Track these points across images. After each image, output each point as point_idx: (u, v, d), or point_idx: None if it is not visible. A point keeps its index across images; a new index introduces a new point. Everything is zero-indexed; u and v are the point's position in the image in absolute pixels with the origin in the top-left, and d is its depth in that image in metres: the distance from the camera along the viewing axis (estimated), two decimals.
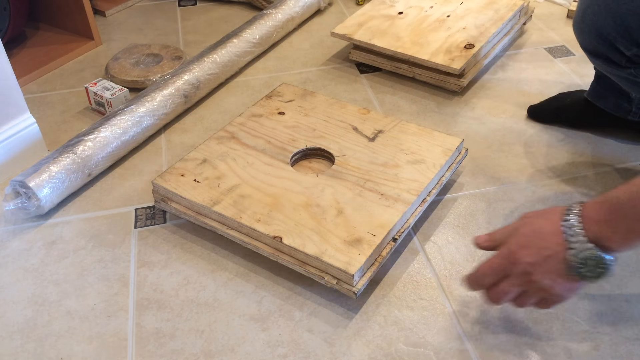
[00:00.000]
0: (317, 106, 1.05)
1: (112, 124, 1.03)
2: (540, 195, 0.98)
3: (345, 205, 0.86)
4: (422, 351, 0.76)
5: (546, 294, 0.67)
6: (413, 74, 1.23)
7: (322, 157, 0.98)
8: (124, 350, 0.77)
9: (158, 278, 0.86)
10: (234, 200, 0.87)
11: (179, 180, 0.90)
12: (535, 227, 0.66)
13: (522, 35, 1.40)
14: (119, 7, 1.58)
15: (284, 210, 0.85)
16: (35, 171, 0.93)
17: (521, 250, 0.65)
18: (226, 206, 0.86)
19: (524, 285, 0.67)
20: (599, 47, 0.91)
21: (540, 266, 0.64)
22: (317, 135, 0.99)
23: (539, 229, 0.65)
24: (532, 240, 0.65)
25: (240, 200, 0.87)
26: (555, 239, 0.63)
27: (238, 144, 0.97)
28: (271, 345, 0.77)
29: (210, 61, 1.21)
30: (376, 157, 0.94)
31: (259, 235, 0.83)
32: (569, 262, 0.63)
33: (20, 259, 0.90)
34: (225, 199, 0.87)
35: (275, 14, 1.37)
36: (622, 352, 0.75)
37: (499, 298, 0.69)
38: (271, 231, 0.82)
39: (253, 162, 0.93)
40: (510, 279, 0.67)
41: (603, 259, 0.61)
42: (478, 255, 0.88)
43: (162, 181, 0.90)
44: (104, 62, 1.35)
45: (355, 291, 0.77)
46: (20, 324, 0.81)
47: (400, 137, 0.98)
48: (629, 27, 0.85)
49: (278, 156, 0.95)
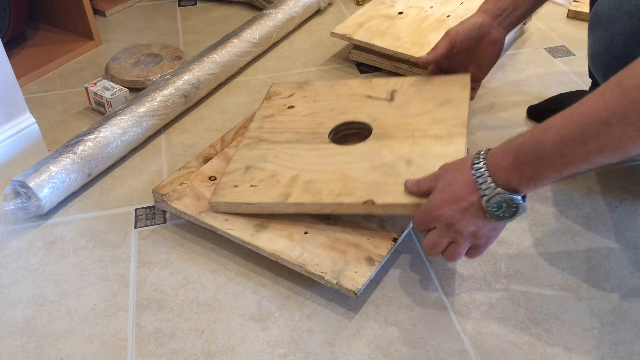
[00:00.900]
0: (320, 91, 1.05)
1: (112, 124, 1.03)
2: (540, 195, 0.98)
3: (409, 156, 0.86)
4: (422, 351, 0.76)
5: (474, 240, 0.73)
6: (413, 74, 1.23)
7: (356, 130, 0.96)
8: (124, 350, 0.77)
9: (158, 278, 0.86)
10: (302, 188, 0.85)
11: (236, 191, 0.87)
12: (450, 179, 0.72)
13: (522, 35, 1.40)
14: (119, 7, 1.58)
15: (356, 178, 0.84)
16: (35, 171, 0.93)
17: (440, 206, 0.72)
18: (299, 195, 0.84)
19: (451, 236, 0.73)
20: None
21: (461, 216, 0.70)
22: (338, 113, 0.98)
23: (453, 180, 0.71)
24: (448, 194, 0.71)
25: (308, 187, 0.85)
26: (468, 189, 0.69)
27: (269, 144, 0.95)
28: (271, 345, 0.77)
29: (210, 61, 1.21)
30: (406, 111, 0.94)
31: (349, 207, 0.82)
32: (484, 208, 0.69)
33: (20, 259, 0.90)
34: (294, 190, 0.85)
35: (275, 14, 1.37)
36: (622, 352, 0.75)
37: (432, 251, 0.75)
38: (358, 199, 0.81)
39: (296, 153, 0.92)
40: (437, 230, 0.73)
41: (513, 200, 0.68)
42: None
43: (219, 197, 0.87)
44: (104, 62, 1.35)
45: (355, 291, 0.77)
46: (20, 324, 0.81)
47: (414, 89, 0.99)
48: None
49: (316, 140, 0.93)
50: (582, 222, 0.93)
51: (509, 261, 0.87)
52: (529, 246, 0.89)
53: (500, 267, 0.86)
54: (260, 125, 1.00)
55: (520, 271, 0.86)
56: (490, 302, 0.82)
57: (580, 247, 0.89)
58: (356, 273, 0.79)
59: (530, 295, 0.82)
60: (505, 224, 0.73)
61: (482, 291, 0.83)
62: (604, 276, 0.85)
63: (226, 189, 0.88)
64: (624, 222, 0.93)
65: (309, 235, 0.85)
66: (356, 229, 0.86)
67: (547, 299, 0.82)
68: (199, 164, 0.97)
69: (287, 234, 0.85)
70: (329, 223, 0.87)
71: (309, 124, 0.97)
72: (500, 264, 0.87)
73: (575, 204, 0.96)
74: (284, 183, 0.87)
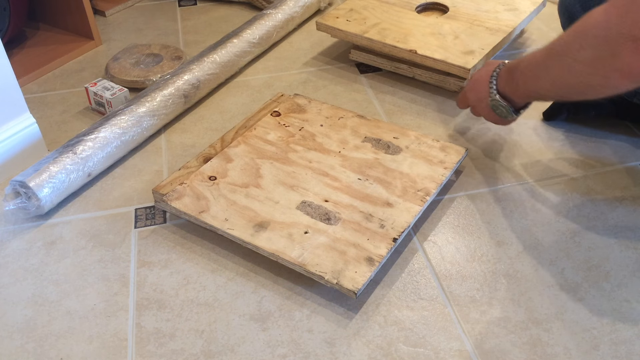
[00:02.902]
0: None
1: (112, 124, 1.03)
2: (540, 195, 0.98)
3: (460, 34, 1.19)
4: (422, 351, 0.76)
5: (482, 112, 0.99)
6: (413, 74, 1.23)
7: (441, 8, 1.30)
8: (124, 350, 0.77)
9: (158, 278, 0.86)
10: (377, 31, 1.21)
11: (337, 22, 1.25)
12: (478, 77, 0.97)
13: (522, 35, 1.40)
14: (119, 7, 1.58)
15: (415, 35, 1.19)
16: (35, 171, 0.93)
17: (468, 93, 1.00)
18: (373, 34, 1.20)
19: (475, 112, 1.02)
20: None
21: (478, 104, 0.98)
22: None
23: (479, 77, 0.97)
24: (473, 87, 0.98)
25: (382, 31, 1.20)
26: (484, 87, 0.95)
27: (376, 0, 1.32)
28: (271, 345, 0.77)
29: (210, 61, 1.21)
30: (480, 6, 1.28)
31: (399, 52, 1.16)
32: (489, 105, 0.95)
33: (20, 259, 0.90)
34: (371, 30, 1.21)
35: (275, 14, 1.37)
36: (622, 352, 0.75)
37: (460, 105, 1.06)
38: (408, 46, 1.16)
39: (387, 10, 1.28)
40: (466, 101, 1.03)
41: (504, 105, 0.92)
42: (478, 255, 0.88)
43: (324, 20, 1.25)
44: (104, 62, 1.35)
45: (355, 291, 0.77)
46: (20, 324, 0.81)
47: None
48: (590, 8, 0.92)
49: (407, 7, 1.29)
50: (582, 222, 0.93)
51: (509, 261, 0.87)
52: (529, 246, 0.89)
53: (500, 267, 0.86)
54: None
55: (520, 271, 0.86)
56: (490, 302, 0.82)
57: (580, 247, 0.89)
58: (356, 273, 0.79)
59: (530, 295, 0.82)
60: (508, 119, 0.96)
61: (482, 291, 0.83)
62: (604, 276, 0.85)
63: (329, 20, 1.26)
64: (624, 222, 0.93)
65: (309, 235, 0.85)
66: (356, 229, 0.86)
67: (547, 299, 0.82)
68: (199, 164, 0.97)
69: (287, 234, 0.85)
70: (329, 223, 0.87)
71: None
72: (500, 264, 0.87)
73: (575, 204, 0.96)
74: (367, 25, 1.23)
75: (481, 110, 0.98)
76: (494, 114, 0.96)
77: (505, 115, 0.94)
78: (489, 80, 0.93)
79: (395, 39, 1.18)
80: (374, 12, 1.28)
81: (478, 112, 1.00)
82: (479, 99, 0.97)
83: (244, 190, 0.92)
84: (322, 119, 1.06)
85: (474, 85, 0.98)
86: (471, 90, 0.99)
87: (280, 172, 0.96)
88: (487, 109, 0.96)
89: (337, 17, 1.27)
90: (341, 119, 1.06)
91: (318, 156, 0.99)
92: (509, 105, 0.92)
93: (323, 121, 1.06)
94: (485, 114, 0.98)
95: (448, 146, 1.00)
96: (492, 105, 0.94)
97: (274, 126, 1.05)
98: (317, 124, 1.05)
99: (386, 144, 1.01)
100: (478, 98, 0.97)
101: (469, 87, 1.00)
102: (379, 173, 0.95)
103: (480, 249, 0.89)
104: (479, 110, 0.99)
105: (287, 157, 0.98)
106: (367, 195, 0.91)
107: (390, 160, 0.98)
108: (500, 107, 0.93)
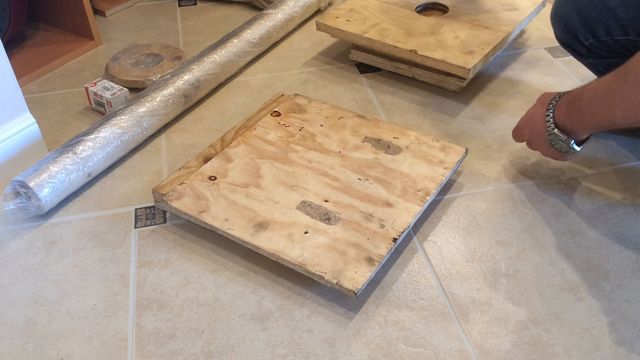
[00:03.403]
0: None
1: (112, 124, 1.03)
2: (540, 195, 0.98)
3: (460, 34, 1.20)
4: (422, 351, 0.76)
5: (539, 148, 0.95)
6: (413, 74, 1.23)
7: (441, 8, 1.31)
8: (124, 350, 0.77)
9: (158, 278, 0.86)
10: (377, 31, 1.22)
11: (337, 22, 1.26)
12: (533, 111, 0.93)
13: (522, 35, 1.40)
14: (119, 7, 1.58)
15: (415, 36, 1.20)
16: (35, 171, 0.93)
17: (522, 128, 0.96)
18: (373, 34, 1.21)
19: (531, 147, 0.97)
20: (566, 38, 1.06)
21: (535, 140, 0.94)
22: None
23: (535, 112, 0.92)
24: (529, 122, 0.94)
25: (382, 31, 1.21)
26: (540, 121, 0.91)
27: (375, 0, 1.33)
28: (271, 345, 0.77)
29: (210, 61, 1.21)
30: (480, 6, 1.29)
31: (399, 52, 1.17)
32: (547, 140, 0.90)
33: (20, 259, 0.90)
34: (371, 30, 1.22)
35: (275, 14, 1.37)
36: (622, 352, 0.75)
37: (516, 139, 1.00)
38: (408, 47, 1.17)
39: (387, 9, 1.29)
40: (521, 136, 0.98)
41: (564, 139, 0.88)
42: (478, 255, 0.88)
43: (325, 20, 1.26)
44: (104, 62, 1.35)
45: (355, 291, 0.77)
46: (20, 324, 0.81)
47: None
48: (588, 18, 0.98)
49: (407, 7, 1.30)
50: (582, 222, 0.93)
51: (509, 261, 0.87)
52: (529, 246, 0.89)
53: (500, 267, 0.86)
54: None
55: (520, 271, 0.86)
56: (490, 302, 0.82)
57: (580, 247, 0.89)
58: (356, 273, 0.79)
59: (530, 295, 0.82)
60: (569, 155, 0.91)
61: (482, 291, 0.83)
62: (604, 276, 0.85)
63: (329, 20, 1.27)
64: (624, 222, 0.93)
65: (309, 235, 0.85)
66: (356, 229, 0.86)
67: (547, 299, 0.82)
68: (199, 164, 0.97)
69: (287, 234, 0.85)
70: (329, 223, 0.87)
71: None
72: (500, 264, 0.87)
73: (575, 204, 0.96)
74: (367, 25, 1.24)
75: (538, 145, 0.94)
76: (553, 149, 0.90)
77: (566, 149, 0.89)
78: (545, 113, 0.89)
79: (395, 39, 1.19)
80: (374, 12, 1.28)
81: (534, 147, 0.96)
82: (535, 133, 0.92)
83: (244, 190, 0.92)
84: (322, 119, 1.06)
85: (528, 119, 0.94)
86: (526, 126, 0.94)
87: (280, 172, 0.96)
88: (544, 144, 0.91)
89: (337, 17, 1.27)
90: (341, 119, 1.06)
91: (318, 156, 0.99)
92: (569, 138, 0.87)
93: (323, 121, 1.06)
94: (542, 149, 0.93)
95: (448, 146, 1.00)
96: (551, 140, 0.89)
97: (274, 126, 1.05)
98: (317, 124, 1.05)
99: (386, 144, 1.01)
100: (534, 133, 0.92)
101: (524, 122, 0.95)
102: (379, 173, 0.95)
103: (480, 249, 0.89)
104: (535, 146, 0.95)
105: (287, 157, 0.98)
106: (367, 195, 0.91)
107: (390, 160, 0.98)
108: (559, 141, 0.88)
